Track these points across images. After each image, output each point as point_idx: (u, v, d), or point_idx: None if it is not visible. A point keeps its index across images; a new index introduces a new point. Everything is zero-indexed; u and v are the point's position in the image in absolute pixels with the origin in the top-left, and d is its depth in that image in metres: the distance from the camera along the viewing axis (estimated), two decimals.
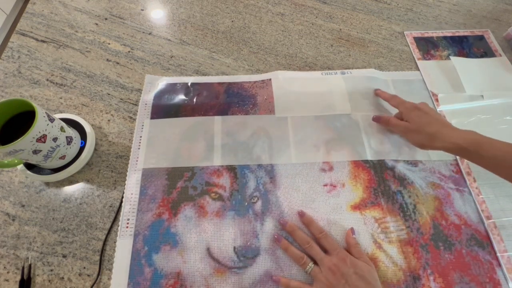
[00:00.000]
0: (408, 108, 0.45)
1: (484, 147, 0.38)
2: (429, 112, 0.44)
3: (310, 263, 0.38)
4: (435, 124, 0.42)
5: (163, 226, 0.41)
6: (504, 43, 0.60)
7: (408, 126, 0.44)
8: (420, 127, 0.43)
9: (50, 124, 0.38)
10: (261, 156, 0.46)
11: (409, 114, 0.45)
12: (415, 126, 0.44)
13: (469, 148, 0.38)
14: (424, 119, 0.43)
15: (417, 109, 0.44)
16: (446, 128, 0.42)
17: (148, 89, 0.51)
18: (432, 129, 0.42)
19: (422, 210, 0.43)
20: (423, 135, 0.43)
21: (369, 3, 0.65)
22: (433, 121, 0.43)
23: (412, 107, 0.45)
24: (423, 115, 0.44)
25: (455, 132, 0.41)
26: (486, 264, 0.40)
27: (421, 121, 0.43)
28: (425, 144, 0.43)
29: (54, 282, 0.38)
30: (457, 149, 0.40)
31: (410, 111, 0.45)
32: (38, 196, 0.43)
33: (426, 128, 0.43)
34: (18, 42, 0.55)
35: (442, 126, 0.42)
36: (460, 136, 0.40)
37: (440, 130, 0.41)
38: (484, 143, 0.38)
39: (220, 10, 0.62)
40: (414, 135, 0.44)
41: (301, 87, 0.52)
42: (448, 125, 0.42)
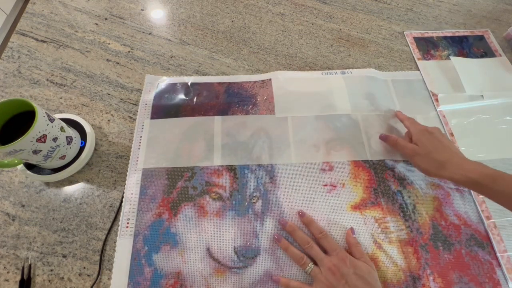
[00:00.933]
0: (419, 130, 0.43)
1: (498, 181, 0.35)
2: (441, 138, 0.42)
3: (310, 264, 0.38)
4: (446, 152, 0.40)
5: (163, 226, 0.41)
6: (504, 43, 0.60)
7: (416, 150, 0.42)
8: (429, 153, 0.41)
9: (50, 124, 0.38)
10: (261, 156, 0.46)
11: (419, 136, 0.43)
12: (424, 150, 0.41)
13: (482, 182, 0.36)
14: (434, 144, 0.41)
15: (428, 133, 0.42)
16: (456, 158, 0.39)
17: (148, 89, 0.51)
18: (441, 157, 0.40)
19: (421, 211, 0.43)
20: (431, 161, 0.41)
21: (369, 3, 0.65)
22: (444, 148, 0.41)
23: (424, 130, 0.43)
24: (434, 140, 0.42)
25: (464, 162, 0.38)
26: (485, 264, 0.40)
27: (431, 146, 0.41)
28: (432, 171, 0.41)
29: (54, 282, 0.38)
30: (468, 182, 0.37)
31: (421, 134, 0.43)
32: (38, 196, 0.43)
33: (435, 155, 0.40)
34: (18, 42, 0.55)
35: (452, 155, 0.40)
36: (472, 169, 0.37)
37: (450, 160, 0.39)
38: (497, 177, 0.35)
39: (220, 10, 0.62)
40: (421, 159, 0.42)
41: (301, 87, 0.52)
42: (459, 154, 0.40)
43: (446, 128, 0.50)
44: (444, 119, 0.51)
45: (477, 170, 0.37)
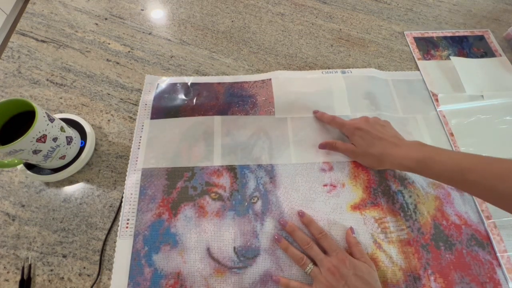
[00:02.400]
0: (350, 130, 0.44)
1: (429, 165, 0.36)
2: (370, 130, 0.42)
3: (310, 264, 0.38)
4: (377, 145, 0.41)
5: (163, 226, 0.41)
6: (504, 43, 0.60)
7: (354, 150, 0.43)
8: (365, 150, 0.42)
9: (50, 124, 0.38)
10: (261, 156, 0.46)
11: (352, 136, 0.43)
12: (360, 149, 0.42)
13: (415, 168, 0.38)
14: (366, 140, 0.42)
15: (358, 130, 0.42)
16: (389, 147, 0.40)
17: (148, 89, 0.51)
18: (376, 151, 0.41)
19: (423, 210, 0.43)
20: (370, 157, 0.42)
21: (369, 3, 0.65)
22: (375, 141, 0.41)
23: (353, 128, 0.43)
24: (365, 136, 0.42)
25: (399, 151, 0.39)
26: (486, 264, 0.40)
27: (365, 143, 0.42)
28: (374, 166, 0.42)
29: (54, 282, 0.38)
30: (407, 169, 0.39)
31: (352, 134, 0.43)
32: (38, 196, 0.43)
33: (371, 150, 0.41)
34: (18, 42, 0.55)
35: (384, 146, 0.40)
36: (404, 156, 0.38)
37: (385, 151, 0.40)
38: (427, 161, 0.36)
39: (220, 10, 0.62)
40: (361, 158, 0.43)
41: (301, 87, 0.52)
42: (392, 140, 0.40)
43: (446, 128, 0.50)
44: (444, 119, 0.51)
45: (408, 156, 0.38)
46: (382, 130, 0.42)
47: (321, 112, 0.48)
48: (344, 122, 0.45)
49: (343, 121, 0.45)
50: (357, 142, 0.43)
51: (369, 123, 0.43)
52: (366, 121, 0.43)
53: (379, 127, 0.42)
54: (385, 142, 0.40)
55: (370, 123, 0.43)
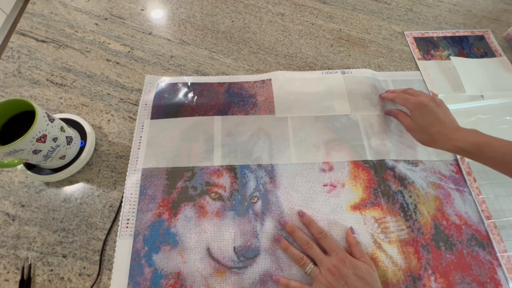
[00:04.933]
0: (413, 105, 0.44)
1: (484, 149, 0.38)
2: (434, 110, 0.43)
3: (310, 264, 0.38)
4: (437, 125, 0.42)
5: (163, 226, 0.41)
6: (504, 43, 0.60)
7: (411, 125, 0.45)
8: (422, 127, 0.43)
9: (50, 124, 0.38)
10: (261, 156, 0.46)
11: (413, 112, 0.44)
12: (417, 125, 0.44)
13: (470, 150, 0.39)
14: (426, 118, 0.43)
15: (421, 107, 0.43)
16: (447, 129, 0.41)
17: (148, 89, 0.51)
18: (433, 131, 0.42)
19: (423, 210, 0.43)
20: (424, 135, 0.43)
21: (369, 3, 0.65)
22: (435, 122, 0.42)
23: (417, 104, 0.44)
24: (426, 114, 0.43)
25: (457, 134, 0.40)
26: (486, 264, 0.40)
27: (424, 121, 0.43)
28: (426, 143, 0.43)
29: (54, 282, 0.38)
30: (458, 151, 0.40)
31: (414, 109, 0.44)
32: (38, 196, 0.43)
33: (427, 129, 0.42)
34: (18, 42, 0.55)
35: (443, 127, 0.41)
36: (461, 138, 0.39)
37: (441, 132, 0.41)
38: (484, 145, 0.38)
39: (220, 10, 0.62)
40: (415, 133, 0.44)
41: (301, 87, 0.52)
42: (451, 125, 0.42)
43: None
44: None
45: (465, 139, 0.39)
46: (445, 113, 0.43)
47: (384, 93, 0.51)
48: (409, 97, 0.45)
49: (408, 96, 0.46)
50: (416, 118, 0.44)
51: (433, 101, 0.44)
52: (432, 99, 0.44)
53: (442, 109, 0.44)
54: (444, 123, 0.42)
55: (436, 101, 0.44)
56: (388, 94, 0.50)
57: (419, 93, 0.46)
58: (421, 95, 0.45)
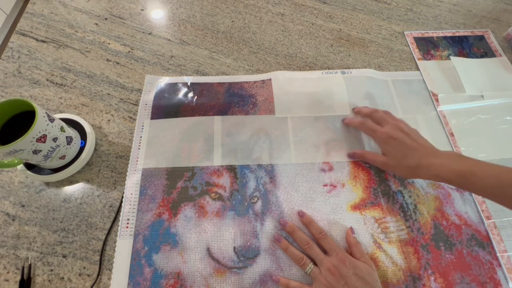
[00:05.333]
0: (382, 140, 0.42)
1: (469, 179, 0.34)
2: (405, 141, 0.40)
3: (309, 264, 0.38)
4: (413, 156, 0.39)
5: (163, 226, 0.41)
6: (504, 43, 0.60)
7: (386, 161, 0.41)
8: (399, 162, 0.40)
9: (50, 124, 0.38)
10: (261, 156, 0.46)
11: (384, 146, 0.42)
12: (393, 160, 0.40)
13: (454, 180, 0.36)
14: (400, 150, 0.40)
15: (392, 139, 0.40)
16: (423, 157, 0.38)
17: (148, 89, 0.51)
18: (410, 162, 0.39)
19: (423, 210, 0.43)
20: (403, 168, 0.40)
21: (369, 3, 0.65)
22: (409, 152, 0.39)
23: (386, 137, 0.41)
24: (398, 146, 0.40)
25: (435, 159, 0.37)
26: (486, 264, 0.40)
27: (399, 154, 0.40)
28: (408, 176, 0.41)
29: (54, 282, 0.38)
30: (443, 181, 0.37)
31: (385, 143, 0.41)
32: (38, 196, 0.43)
33: (405, 161, 0.39)
34: (18, 42, 0.55)
35: (421, 157, 0.38)
36: (441, 166, 0.36)
37: (421, 162, 0.38)
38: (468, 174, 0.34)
39: (220, 10, 0.62)
40: (394, 169, 0.41)
41: (301, 87, 0.52)
42: (425, 151, 0.39)
43: (446, 128, 0.50)
44: (444, 119, 0.51)
45: (447, 168, 0.36)
46: (416, 139, 0.41)
47: (348, 118, 0.48)
48: (375, 129, 0.43)
49: (374, 127, 0.43)
50: (390, 152, 0.41)
51: (402, 131, 0.41)
52: (399, 129, 0.41)
53: (412, 135, 0.41)
54: (421, 152, 0.39)
55: (404, 131, 0.41)
56: (352, 121, 0.47)
57: (384, 119, 0.43)
58: (386, 122, 0.43)
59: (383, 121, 0.43)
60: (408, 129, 0.42)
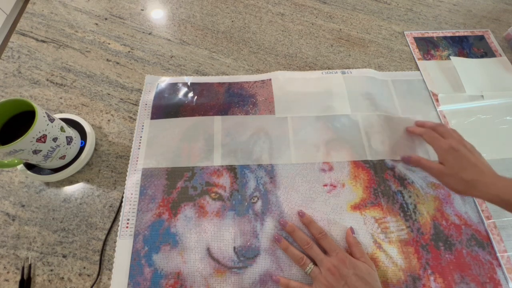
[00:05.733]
0: (443, 149, 0.41)
1: None
2: (466, 155, 0.39)
3: (310, 264, 0.38)
4: (472, 171, 0.38)
5: (163, 226, 0.41)
6: (504, 43, 0.60)
7: (443, 170, 0.40)
8: (456, 173, 0.39)
9: (50, 124, 0.38)
10: (261, 156, 0.46)
11: (444, 155, 0.41)
12: (451, 170, 0.39)
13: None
14: (460, 163, 0.39)
15: (453, 150, 0.40)
16: (484, 176, 0.37)
17: (148, 89, 0.51)
18: (468, 176, 0.38)
19: (422, 210, 0.43)
20: (459, 181, 0.39)
21: (369, 3, 0.65)
22: (470, 167, 0.39)
23: (448, 148, 0.40)
24: (459, 158, 0.39)
25: (499, 182, 0.36)
26: (486, 264, 0.40)
27: (458, 166, 0.39)
28: (461, 191, 0.39)
29: (54, 282, 0.38)
30: (501, 202, 0.36)
31: (445, 153, 0.40)
32: (38, 196, 0.43)
33: (462, 174, 0.38)
34: (18, 42, 0.55)
35: (480, 174, 0.38)
36: (504, 188, 0.35)
37: (478, 178, 0.37)
38: None
39: (220, 10, 0.62)
40: (449, 179, 0.40)
41: (301, 87, 0.52)
42: (488, 171, 0.38)
43: None
44: (444, 119, 0.51)
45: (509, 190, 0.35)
46: (478, 157, 0.40)
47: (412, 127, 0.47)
48: (439, 138, 0.42)
49: (438, 137, 0.43)
50: (449, 162, 0.40)
51: (465, 146, 0.41)
52: (463, 144, 0.41)
53: (475, 153, 0.41)
54: (481, 169, 0.38)
55: (467, 147, 0.41)
56: (416, 129, 0.47)
57: (449, 133, 0.43)
58: (451, 136, 0.42)
59: (448, 134, 0.43)
60: (471, 147, 0.41)
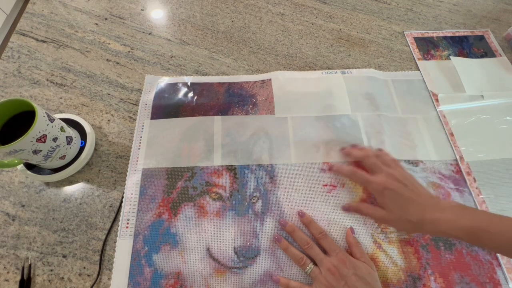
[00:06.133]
0: (377, 191, 0.38)
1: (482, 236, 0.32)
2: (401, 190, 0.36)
3: (310, 264, 0.38)
4: (414, 209, 0.36)
5: (163, 226, 0.41)
6: (504, 43, 0.60)
7: (385, 216, 0.38)
8: (399, 216, 0.36)
9: (50, 124, 0.38)
10: (261, 156, 0.46)
11: (381, 199, 0.38)
12: (393, 215, 0.37)
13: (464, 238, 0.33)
14: (398, 202, 0.36)
15: (388, 190, 0.37)
16: (430, 212, 0.35)
17: (148, 89, 0.51)
18: (412, 216, 0.36)
19: None
20: (405, 223, 0.36)
21: (369, 3, 0.65)
22: (410, 205, 0.36)
23: (381, 188, 0.37)
24: (396, 197, 0.36)
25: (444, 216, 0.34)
26: (486, 264, 0.40)
27: (398, 208, 0.36)
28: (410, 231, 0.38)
29: (54, 282, 0.38)
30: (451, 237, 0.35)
31: (380, 195, 0.38)
32: (38, 196, 0.43)
33: (405, 215, 0.36)
34: (18, 42, 0.55)
35: (424, 210, 0.35)
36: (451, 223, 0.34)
37: (423, 217, 0.35)
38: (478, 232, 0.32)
39: (220, 10, 0.62)
40: (395, 224, 0.38)
41: (301, 87, 0.52)
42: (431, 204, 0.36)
43: (446, 128, 0.50)
44: (444, 119, 0.51)
45: (454, 224, 0.33)
46: (413, 188, 0.37)
47: (338, 165, 0.44)
48: (369, 180, 0.39)
49: (367, 177, 0.39)
50: (388, 205, 0.37)
51: (398, 180, 0.38)
52: (394, 178, 0.38)
53: (409, 184, 0.37)
54: (422, 204, 0.36)
55: (399, 180, 0.38)
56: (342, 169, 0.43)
57: (377, 166, 0.40)
58: (379, 170, 0.39)
59: (376, 168, 0.40)
60: (403, 177, 0.38)
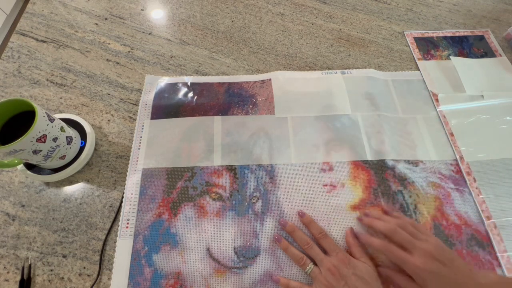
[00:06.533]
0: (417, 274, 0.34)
1: None
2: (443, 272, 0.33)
3: (310, 264, 0.38)
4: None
5: (163, 226, 0.41)
6: (504, 43, 0.60)
7: None
8: None
9: (50, 124, 0.38)
10: (261, 156, 0.46)
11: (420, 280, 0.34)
12: None
13: None
14: (438, 286, 0.33)
15: (426, 273, 0.33)
16: None
17: (148, 89, 0.51)
18: None
19: (423, 210, 0.43)
20: None
21: (369, 3, 0.65)
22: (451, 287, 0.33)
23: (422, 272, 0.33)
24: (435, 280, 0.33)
25: None
26: (486, 264, 0.40)
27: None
28: None
29: (54, 282, 0.38)
30: None
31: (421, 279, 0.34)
32: (38, 196, 0.43)
33: None
34: (18, 42, 0.55)
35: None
36: None
37: None
38: None
39: (220, 10, 0.62)
40: None
41: (301, 87, 0.52)
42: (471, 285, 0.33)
43: (446, 128, 0.50)
44: (444, 119, 0.51)
45: None
46: (451, 265, 0.34)
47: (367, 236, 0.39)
48: (406, 260, 0.34)
49: (404, 257, 0.34)
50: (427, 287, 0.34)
51: (435, 259, 0.34)
52: (431, 256, 0.34)
53: (447, 261, 0.34)
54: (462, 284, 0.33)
55: (437, 257, 0.34)
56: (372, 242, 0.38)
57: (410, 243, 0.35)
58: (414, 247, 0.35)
59: (408, 244, 0.36)
60: (439, 253, 0.34)
